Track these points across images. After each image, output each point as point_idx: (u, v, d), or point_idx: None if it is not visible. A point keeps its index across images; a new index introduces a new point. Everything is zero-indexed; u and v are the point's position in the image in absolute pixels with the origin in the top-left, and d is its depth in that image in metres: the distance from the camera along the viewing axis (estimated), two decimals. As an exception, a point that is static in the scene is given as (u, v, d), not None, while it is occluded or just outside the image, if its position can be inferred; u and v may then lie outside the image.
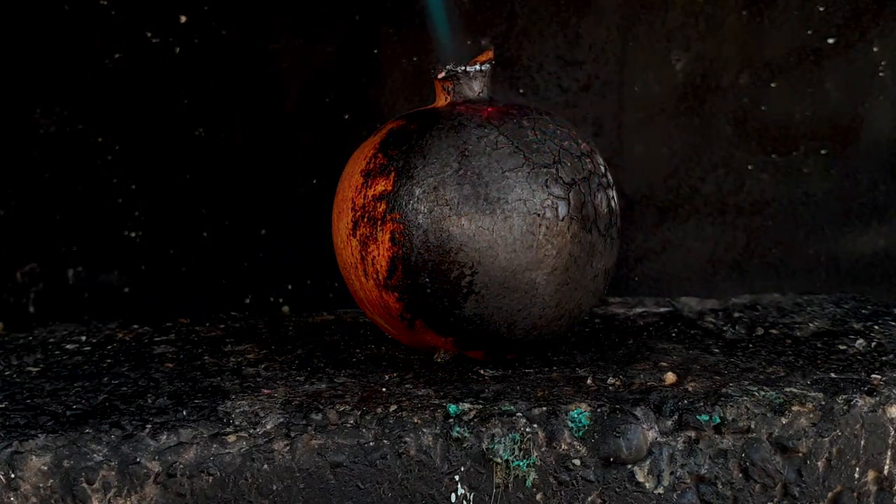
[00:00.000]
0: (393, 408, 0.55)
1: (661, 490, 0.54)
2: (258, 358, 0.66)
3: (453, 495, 0.53)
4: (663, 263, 0.87)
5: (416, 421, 0.54)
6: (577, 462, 0.53)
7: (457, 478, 0.53)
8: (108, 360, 0.65)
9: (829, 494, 0.55)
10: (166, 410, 0.55)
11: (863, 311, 0.75)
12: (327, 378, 0.61)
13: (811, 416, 0.55)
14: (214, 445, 0.52)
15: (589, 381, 0.59)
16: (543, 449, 0.53)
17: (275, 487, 0.52)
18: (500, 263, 0.56)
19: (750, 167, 0.85)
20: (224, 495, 0.51)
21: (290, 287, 0.84)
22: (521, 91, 0.83)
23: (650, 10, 0.82)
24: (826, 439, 0.54)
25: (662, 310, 0.77)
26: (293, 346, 0.68)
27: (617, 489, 0.54)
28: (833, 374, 0.59)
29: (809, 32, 0.83)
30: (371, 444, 0.53)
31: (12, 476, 0.50)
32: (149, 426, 0.53)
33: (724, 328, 0.71)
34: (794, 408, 0.55)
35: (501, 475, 0.53)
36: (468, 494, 0.53)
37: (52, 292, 0.82)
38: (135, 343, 0.70)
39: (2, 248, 0.81)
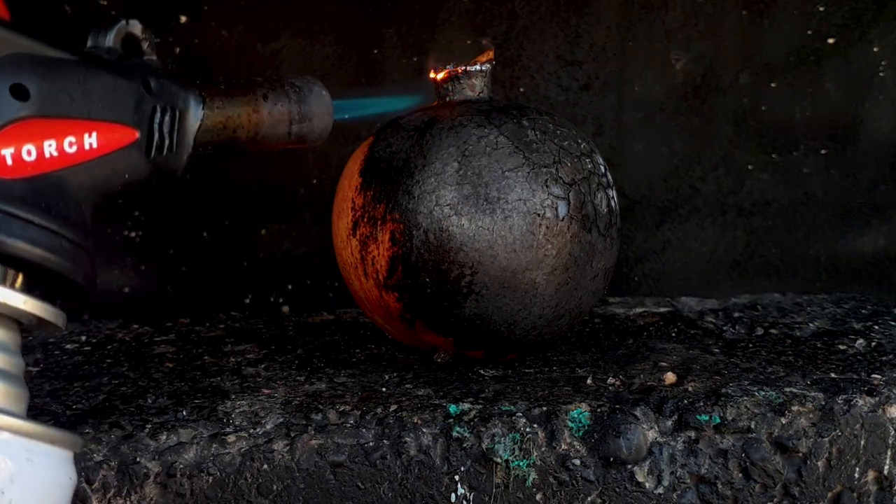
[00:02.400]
0: (393, 408, 0.55)
1: (661, 490, 0.54)
2: (258, 358, 0.66)
3: (453, 495, 0.53)
4: (663, 263, 0.87)
5: (416, 421, 0.54)
6: (577, 462, 0.53)
7: (457, 478, 0.53)
8: (108, 360, 0.65)
9: (829, 494, 0.55)
10: (166, 410, 0.55)
11: (863, 311, 0.75)
12: (327, 378, 0.61)
13: (811, 416, 0.55)
14: (214, 445, 0.52)
15: (589, 381, 0.59)
16: (543, 449, 0.53)
17: (275, 487, 0.52)
18: (500, 263, 0.56)
19: (750, 167, 0.85)
20: (224, 495, 0.51)
21: (290, 287, 0.84)
22: (521, 91, 0.83)
23: (650, 10, 0.82)
24: (826, 439, 0.54)
25: (662, 310, 0.77)
26: (293, 346, 0.68)
27: (617, 489, 0.54)
28: (833, 374, 0.59)
29: (809, 32, 0.83)
30: (371, 444, 0.53)
31: (12, 476, 0.50)
32: (148, 426, 0.53)
33: (724, 328, 0.71)
34: (794, 408, 0.55)
35: (501, 475, 0.53)
36: (468, 494, 0.53)
37: (52, 292, 0.82)
38: (135, 343, 0.70)
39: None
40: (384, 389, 0.58)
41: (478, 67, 0.61)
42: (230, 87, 0.50)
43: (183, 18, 0.80)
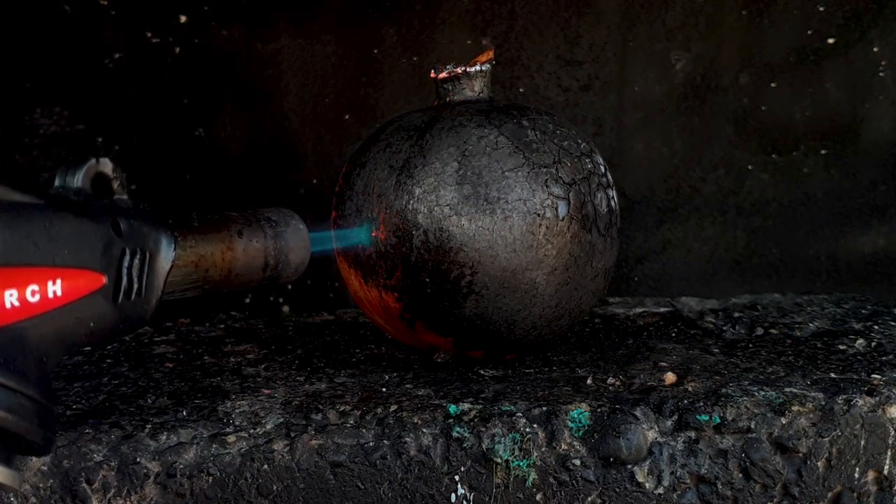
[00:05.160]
0: (393, 408, 0.55)
1: (661, 490, 0.54)
2: (258, 358, 0.66)
3: (453, 495, 0.53)
4: (663, 263, 0.87)
5: (416, 421, 0.54)
6: (577, 462, 0.53)
7: (457, 478, 0.53)
8: (108, 360, 0.65)
9: (829, 494, 0.55)
10: (166, 410, 0.55)
11: (863, 311, 0.75)
12: (327, 378, 0.61)
13: (811, 416, 0.55)
14: (214, 445, 0.52)
15: (589, 381, 0.59)
16: (543, 449, 0.53)
17: (275, 487, 0.52)
18: (500, 263, 0.56)
19: (750, 167, 0.85)
20: (224, 495, 0.51)
21: (290, 287, 0.84)
22: (521, 91, 0.83)
23: (650, 10, 0.82)
24: (826, 439, 0.54)
25: (662, 310, 0.77)
26: (293, 346, 0.68)
27: (617, 489, 0.54)
28: (833, 374, 0.59)
29: (809, 32, 0.83)
30: (371, 444, 0.53)
31: (12, 476, 0.50)
32: (148, 426, 0.53)
33: (724, 328, 0.71)
34: (794, 408, 0.55)
35: (501, 475, 0.53)
36: (468, 494, 0.53)
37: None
38: (135, 343, 0.70)
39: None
40: (384, 389, 0.58)
41: (478, 67, 0.61)
42: (203, 223, 0.47)
43: (183, 18, 0.80)
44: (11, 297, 0.38)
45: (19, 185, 0.39)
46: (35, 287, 0.39)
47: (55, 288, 0.39)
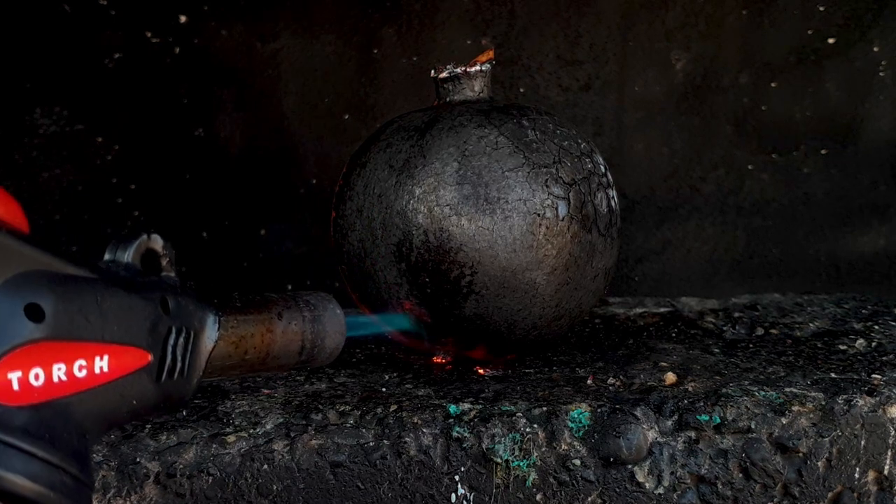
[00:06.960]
0: (393, 408, 0.55)
1: (661, 490, 0.54)
2: (258, 358, 0.65)
3: (453, 495, 0.53)
4: (663, 263, 0.87)
5: (416, 421, 0.54)
6: (577, 462, 0.53)
7: (457, 478, 0.53)
8: (108, 360, 0.65)
9: (830, 494, 0.55)
10: (166, 410, 0.55)
11: (863, 311, 0.75)
12: (327, 378, 0.61)
13: (811, 416, 0.55)
14: (214, 445, 0.52)
15: (589, 381, 0.59)
16: (543, 449, 0.53)
17: (275, 487, 0.52)
18: (500, 263, 0.56)
19: (750, 167, 0.85)
20: (224, 495, 0.51)
21: (290, 287, 0.84)
22: (521, 91, 0.83)
23: (650, 10, 0.82)
24: (826, 439, 0.54)
25: (662, 310, 0.77)
26: (293, 346, 0.68)
27: (617, 489, 0.54)
28: (833, 374, 0.59)
29: (809, 32, 0.83)
30: (371, 444, 0.53)
31: (12, 476, 0.50)
32: (148, 426, 0.53)
33: (724, 328, 0.71)
34: (795, 408, 0.55)
35: (501, 475, 0.53)
36: (468, 494, 0.53)
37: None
38: (135, 343, 0.70)
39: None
40: (384, 389, 0.58)
41: (478, 67, 0.61)
42: (246, 304, 0.47)
43: (183, 18, 0.80)
44: (60, 371, 0.38)
45: (74, 258, 0.39)
46: (83, 362, 0.39)
47: (102, 364, 0.39)
